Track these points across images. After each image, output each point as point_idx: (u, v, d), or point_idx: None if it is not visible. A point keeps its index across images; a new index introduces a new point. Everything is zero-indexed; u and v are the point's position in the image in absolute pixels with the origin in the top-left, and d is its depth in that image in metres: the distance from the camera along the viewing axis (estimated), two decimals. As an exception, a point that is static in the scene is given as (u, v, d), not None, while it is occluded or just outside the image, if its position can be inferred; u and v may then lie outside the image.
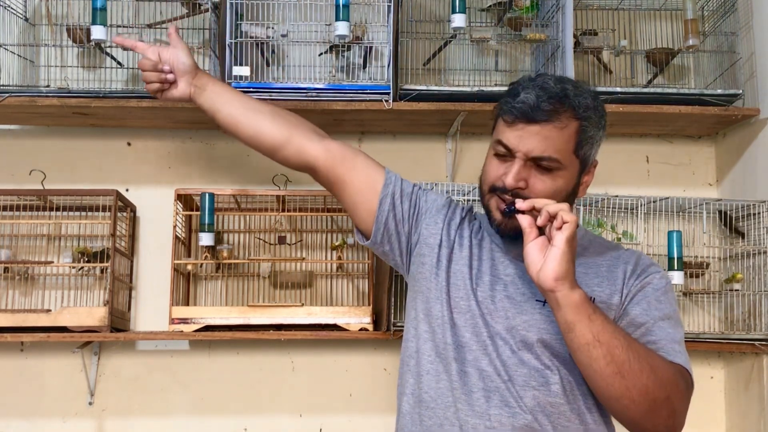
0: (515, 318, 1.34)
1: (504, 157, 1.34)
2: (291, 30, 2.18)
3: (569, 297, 1.21)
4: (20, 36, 2.20)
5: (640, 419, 1.23)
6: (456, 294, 1.37)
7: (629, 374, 1.20)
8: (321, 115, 2.12)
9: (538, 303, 1.34)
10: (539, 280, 1.23)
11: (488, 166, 1.38)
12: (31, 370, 2.19)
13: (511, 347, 1.31)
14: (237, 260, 2.20)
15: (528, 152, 1.31)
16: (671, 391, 1.23)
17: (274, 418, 2.21)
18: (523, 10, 2.20)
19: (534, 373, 1.30)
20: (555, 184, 1.33)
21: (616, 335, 1.22)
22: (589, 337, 1.20)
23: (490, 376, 1.30)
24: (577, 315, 1.21)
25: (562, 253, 1.21)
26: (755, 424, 2.11)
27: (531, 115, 1.30)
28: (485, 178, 1.38)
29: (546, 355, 1.31)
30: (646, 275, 1.38)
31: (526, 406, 1.28)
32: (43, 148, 2.28)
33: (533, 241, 1.25)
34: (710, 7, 2.28)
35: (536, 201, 1.26)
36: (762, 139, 2.15)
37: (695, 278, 2.18)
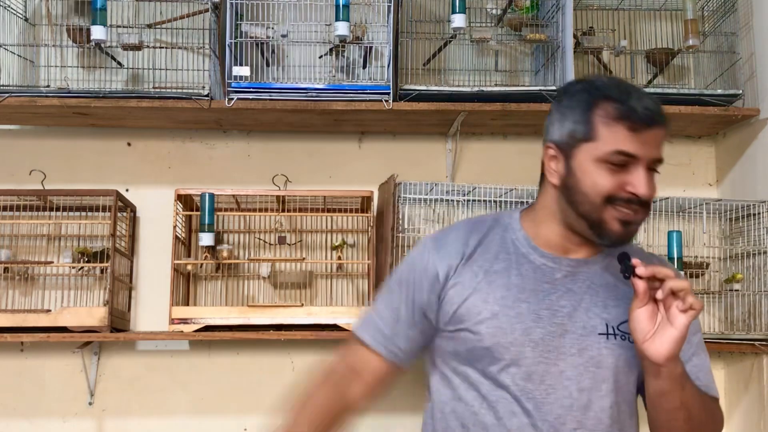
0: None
1: (620, 167, 1.24)
2: (291, 30, 2.18)
3: (674, 372, 1.22)
4: (20, 36, 2.20)
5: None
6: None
7: (698, 428, 1.28)
8: (321, 115, 2.13)
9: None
10: (647, 352, 1.20)
11: (598, 178, 1.24)
12: (31, 370, 2.19)
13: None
14: (237, 260, 2.20)
15: (654, 156, 1.25)
16: (719, 428, 1.34)
17: (274, 418, 2.21)
18: (523, 10, 2.20)
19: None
20: (655, 184, 1.28)
21: (697, 397, 1.27)
22: (678, 404, 1.24)
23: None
24: (674, 385, 1.23)
25: (681, 336, 1.19)
26: (755, 424, 2.11)
27: (656, 120, 1.24)
28: (597, 191, 1.24)
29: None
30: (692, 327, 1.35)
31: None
32: (43, 148, 2.28)
33: (644, 308, 1.20)
34: (710, 7, 2.28)
35: (657, 271, 1.19)
36: (762, 139, 2.15)
37: (695, 278, 2.18)
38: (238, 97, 2.04)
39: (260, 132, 2.32)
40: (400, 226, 2.02)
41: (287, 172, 2.21)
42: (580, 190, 1.26)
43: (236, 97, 2.04)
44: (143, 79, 2.25)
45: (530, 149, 2.35)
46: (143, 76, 2.25)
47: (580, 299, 1.29)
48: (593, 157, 1.25)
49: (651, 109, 1.23)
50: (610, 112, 1.24)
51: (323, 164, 2.32)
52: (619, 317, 1.28)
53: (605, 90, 1.26)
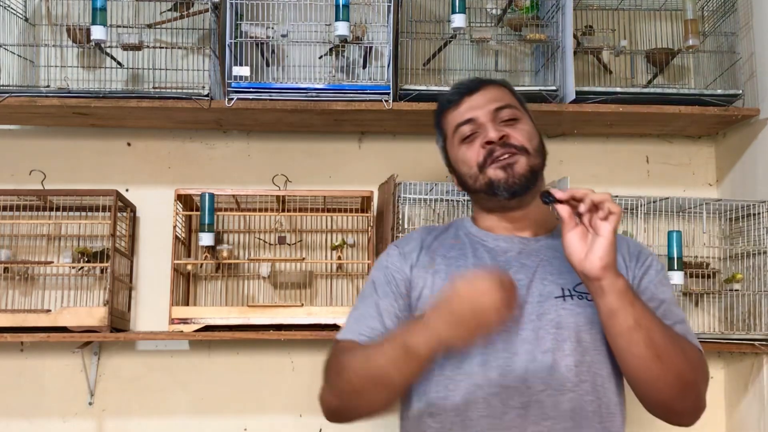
0: None
1: (470, 137, 1.42)
2: (291, 30, 2.18)
3: (615, 284, 1.23)
4: (20, 36, 2.20)
5: (672, 402, 1.26)
6: None
7: (666, 358, 1.23)
8: (321, 115, 2.12)
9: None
10: (584, 269, 1.24)
11: (463, 156, 1.43)
12: (31, 370, 2.19)
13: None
14: (237, 260, 2.20)
15: (489, 108, 1.42)
16: (699, 374, 1.29)
17: (274, 418, 2.21)
18: (523, 10, 2.20)
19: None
20: (526, 128, 1.42)
21: (654, 319, 1.25)
22: (631, 322, 1.22)
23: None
24: (621, 301, 1.23)
25: (609, 243, 1.22)
26: (755, 424, 2.11)
27: (471, 87, 1.46)
28: (467, 166, 1.42)
29: None
30: (644, 259, 1.41)
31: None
32: (43, 148, 2.28)
33: (573, 230, 1.26)
34: (710, 7, 2.28)
35: (575, 191, 1.26)
36: (762, 139, 2.15)
37: (695, 278, 2.18)
38: (238, 97, 2.04)
39: (260, 132, 2.32)
40: (400, 226, 2.02)
41: (287, 172, 2.21)
42: (462, 174, 1.44)
43: (236, 97, 2.04)
44: (143, 79, 2.25)
45: (530, 149, 2.35)
46: (143, 76, 2.25)
47: (534, 271, 1.36)
48: (453, 147, 1.45)
49: (462, 84, 1.48)
50: (440, 113, 1.49)
51: (323, 164, 2.32)
52: (575, 280, 1.33)
53: (438, 104, 1.51)
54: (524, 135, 1.40)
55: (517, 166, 1.37)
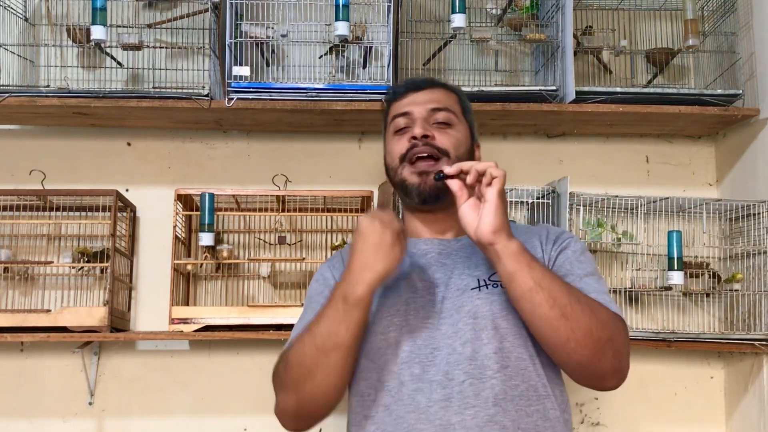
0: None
1: (403, 129, 1.46)
2: (291, 30, 2.18)
3: (508, 247, 1.25)
4: (20, 36, 2.20)
5: (587, 362, 1.26)
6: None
7: (572, 316, 1.23)
8: (321, 115, 2.12)
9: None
10: (477, 236, 1.27)
11: (391, 147, 1.47)
12: (31, 370, 2.19)
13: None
14: (237, 260, 2.20)
15: (426, 107, 1.46)
16: (613, 331, 1.27)
17: (274, 418, 2.21)
18: (523, 10, 2.20)
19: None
20: (456, 135, 1.45)
21: (556, 280, 1.26)
22: (531, 284, 1.24)
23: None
24: (517, 264, 1.25)
25: (495, 206, 1.26)
26: (755, 424, 2.11)
27: (417, 85, 1.50)
28: (391, 156, 1.46)
29: None
30: (562, 241, 1.43)
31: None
32: (43, 148, 2.28)
33: (466, 202, 1.30)
34: (710, 7, 2.28)
35: (462, 164, 1.31)
36: (762, 139, 2.15)
37: (695, 278, 2.18)
38: (238, 97, 2.04)
39: (260, 132, 2.32)
40: (400, 226, 2.01)
41: (287, 172, 2.21)
42: (387, 164, 1.49)
43: (236, 97, 2.04)
44: (143, 79, 2.25)
45: (530, 149, 2.35)
46: (143, 76, 2.25)
47: (453, 268, 1.40)
48: (388, 137, 1.50)
49: (411, 80, 1.54)
50: (387, 102, 1.54)
51: (323, 164, 2.32)
52: (490, 270, 1.37)
53: (386, 94, 1.58)
54: (451, 140, 1.43)
55: (433, 175, 1.38)
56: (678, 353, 2.25)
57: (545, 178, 2.18)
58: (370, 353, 1.36)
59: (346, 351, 1.28)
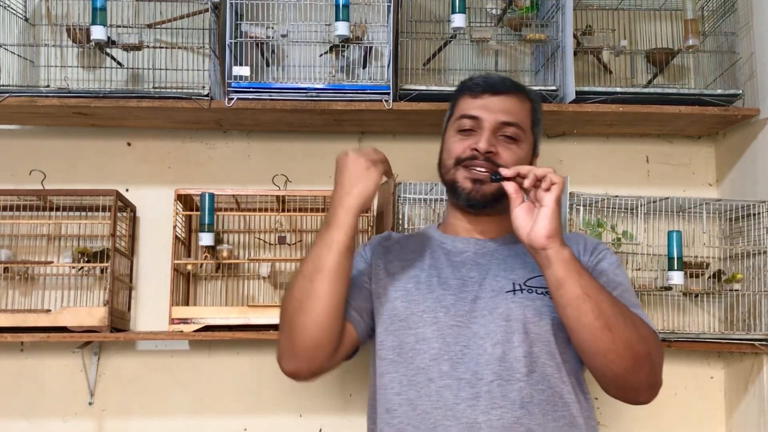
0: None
1: (468, 131, 1.46)
2: (291, 30, 2.18)
3: (560, 253, 1.26)
4: (20, 36, 2.20)
5: (625, 374, 1.27)
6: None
7: (616, 328, 1.24)
8: (321, 115, 2.13)
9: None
10: (530, 240, 1.28)
11: (451, 144, 1.47)
12: (31, 370, 2.19)
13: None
14: (237, 260, 2.20)
15: (497, 118, 1.44)
16: (651, 346, 1.29)
17: (274, 418, 2.21)
18: (523, 10, 2.20)
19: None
20: (519, 153, 1.45)
21: (602, 291, 1.28)
22: (579, 292, 1.25)
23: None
24: (568, 271, 1.26)
25: (552, 212, 1.27)
26: (755, 424, 2.11)
27: (496, 87, 1.47)
28: (448, 155, 1.47)
29: None
30: (599, 252, 1.46)
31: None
32: (43, 148, 2.28)
33: (520, 206, 1.31)
34: (710, 7, 2.28)
35: (520, 168, 1.32)
36: (762, 139, 2.15)
37: (695, 278, 2.18)
38: (238, 97, 2.04)
39: (260, 132, 2.32)
40: (400, 226, 2.02)
41: (287, 172, 2.21)
42: (441, 159, 1.51)
43: (236, 97, 2.04)
44: (143, 79, 2.25)
45: (530, 149, 2.35)
46: (143, 76, 2.25)
47: (488, 269, 1.42)
48: (450, 130, 1.50)
49: (491, 79, 1.49)
50: (460, 91, 1.52)
51: (323, 164, 2.31)
52: (526, 275, 1.40)
53: (462, 82, 1.55)
54: (513, 158, 1.43)
55: (486, 186, 1.43)
56: (678, 353, 2.25)
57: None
58: (397, 347, 1.37)
59: (331, 275, 1.31)
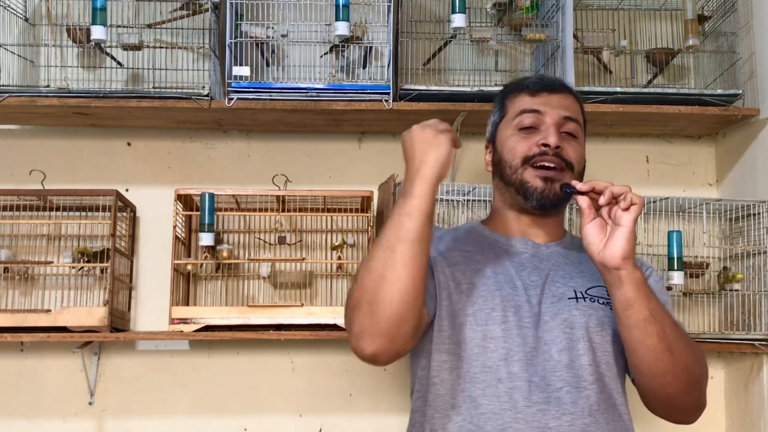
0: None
1: (529, 129, 1.42)
2: (291, 30, 2.18)
3: (633, 274, 1.25)
4: (20, 36, 2.20)
5: (678, 396, 1.29)
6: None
7: (677, 351, 1.26)
8: (321, 115, 2.13)
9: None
10: (603, 259, 1.26)
11: (514, 143, 1.43)
12: (31, 370, 2.19)
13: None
14: (237, 260, 2.20)
15: (560, 113, 1.42)
16: (703, 370, 1.32)
17: (274, 418, 2.21)
18: (523, 10, 2.20)
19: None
20: (580, 150, 1.44)
21: (667, 314, 1.28)
22: (647, 314, 1.25)
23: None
24: (638, 292, 1.25)
25: (630, 232, 1.25)
26: (755, 424, 2.11)
27: (554, 86, 1.46)
28: (514, 154, 1.42)
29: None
30: (645, 269, 1.45)
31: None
32: (43, 148, 2.28)
33: (592, 222, 1.28)
34: (710, 7, 2.28)
35: (595, 183, 1.29)
36: (762, 139, 2.15)
37: (695, 278, 2.18)
38: (238, 97, 2.04)
39: (260, 132, 2.32)
40: (400, 226, 2.01)
41: (287, 172, 2.21)
42: (503, 159, 1.44)
43: (236, 97, 2.04)
44: (143, 79, 2.25)
45: (530, 149, 2.35)
46: (143, 76, 2.25)
47: (547, 274, 1.40)
48: (507, 129, 1.45)
49: (545, 78, 1.49)
50: (512, 91, 1.49)
51: (323, 164, 2.32)
52: (586, 284, 1.39)
53: (513, 82, 1.52)
54: (577, 154, 1.43)
55: (557, 184, 1.39)
56: (678, 353, 2.25)
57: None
58: (463, 342, 1.33)
59: (414, 243, 1.22)
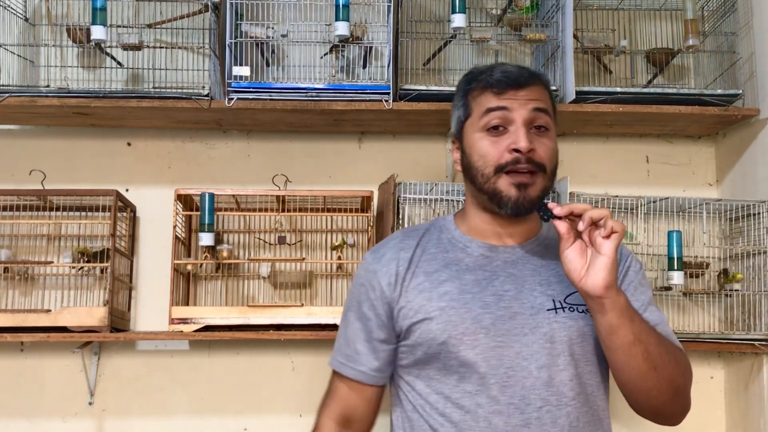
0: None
1: (497, 129, 1.32)
2: (291, 30, 2.18)
3: (617, 302, 1.23)
4: (20, 36, 2.20)
5: (663, 407, 1.29)
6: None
7: (660, 367, 1.25)
8: (321, 115, 2.12)
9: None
10: (585, 287, 1.22)
11: (484, 149, 1.33)
12: (31, 370, 2.19)
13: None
14: (237, 260, 2.20)
15: (529, 107, 1.32)
16: (687, 377, 1.30)
17: (274, 418, 2.21)
18: (523, 10, 2.20)
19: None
20: (552, 146, 1.34)
21: (651, 332, 1.26)
22: (631, 338, 1.23)
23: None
24: (622, 318, 1.23)
25: (612, 262, 1.21)
26: (755, 424, 2.11)
27: (519, 81, 1.34)
28: (485, 162, 1.32)
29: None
30: (625, 258, 1.40)
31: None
32: (43, 148, 2.28)
33: (572, 246, 1.24)
34: (710, 7, 2.28)
35: (573, 206, 1.24)
36: (762, 139, 2.15)
37: (695, 278, 2.18)
38: (238, 97, 2.04)
39: (260, 132, 2.32)
40: (400, 226, 2.02)
41: (287, 172, 2.21)
42: (473, 164, 1.34)
43: (236, 97, 2.04)
44: (143, 79, 2.25)
45: (530, 149, 2.35)
46: (143, 76, 2.25)
47: (523, 281, 1.34)
48: (474, 129, 1.35)
49: (510, 72, 1.35)
50: (476, 87, 1.36)
51: (323, 164, 2.32)
52: (564, 291, 1.33)
53: (475, 73, 1.39)
54: (549, 153, 1.33)
55: (531, 189, 1.31)
56: (678, 353, 2.25)
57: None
58: (439, 368, 1.31)
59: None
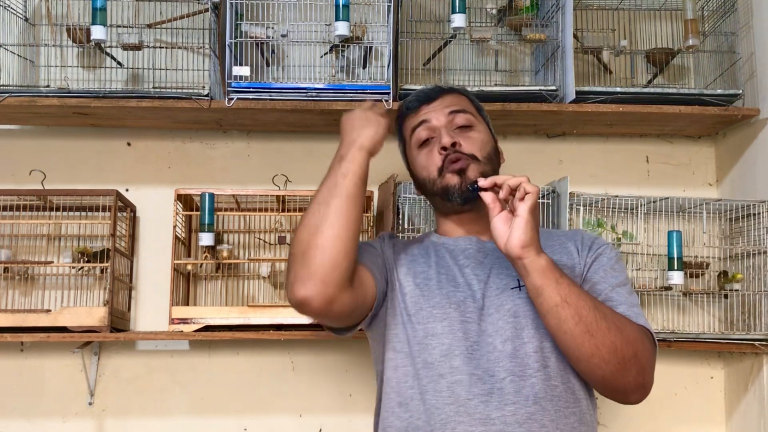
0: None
1: (428, 142, 1.49)
2: (291, 30, 2.18)
3: (536, 262, 1.28)
4: (20, 36, 2.20)
5: (611, 377, 1.28)
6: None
7: (598, 333, 1.26)
8: (321, 115, 2.12)
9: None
10: (507, 250, 1.29)
11: (423, 161, 1.50)
12: (31, 370, 2.19)
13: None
14: (237, 260, 2.20)
15: (444, 112, 1.49)
16: (638, 348, 1.29)
17: (274, 418, 2.21)
18: (523, 10, 2.20)
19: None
20: (479, 137, 1.49)
21: (583, 296, 1.28)
22: (557, 299, 1.26)
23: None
24: (545, 279, 1.27)
25: (526, 221, 1.28)
26: (755, 424, 2.11)
27: (429, 96, 1.53)
28: (428, 170, 1.49)
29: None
30: (597, 247, 1.46)
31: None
32: (43, 148, 2.28)
33: (498, 215, 1.33)
34: (710, 7, 2.28)
35: (496, 178, 1.34)
36: (762, 139, 2.15)
37: (695, 278, 2.18)
38: (238, 97, 2.04)
39: (260, 132, 2.32)
40: (400, 226, 2.02)
41: (287, 172, 2.21)
42: (421, 177, 1.51)
43: (236, 97, 2.04)
44: (143, 79, 2.25)
45: (530, 149, 2.35)
46: (143, 76, 2.25)
47: (491, 267, 1.43)
48: (412, 151, 1.53)
49: (421, 90, 1.56)
50: (401, 117, 1.58)
51: (323, 164, 2.29)
52: None
53: (401, 107, 1.59)
54: (475, 144, 1.48)
55: (469, 172, 1.44)
56: (678, 353, 2.25)
57: (545, 178, 2.18)
58: (408, 342, 1.38)
59: (348, 199, 1.33)
